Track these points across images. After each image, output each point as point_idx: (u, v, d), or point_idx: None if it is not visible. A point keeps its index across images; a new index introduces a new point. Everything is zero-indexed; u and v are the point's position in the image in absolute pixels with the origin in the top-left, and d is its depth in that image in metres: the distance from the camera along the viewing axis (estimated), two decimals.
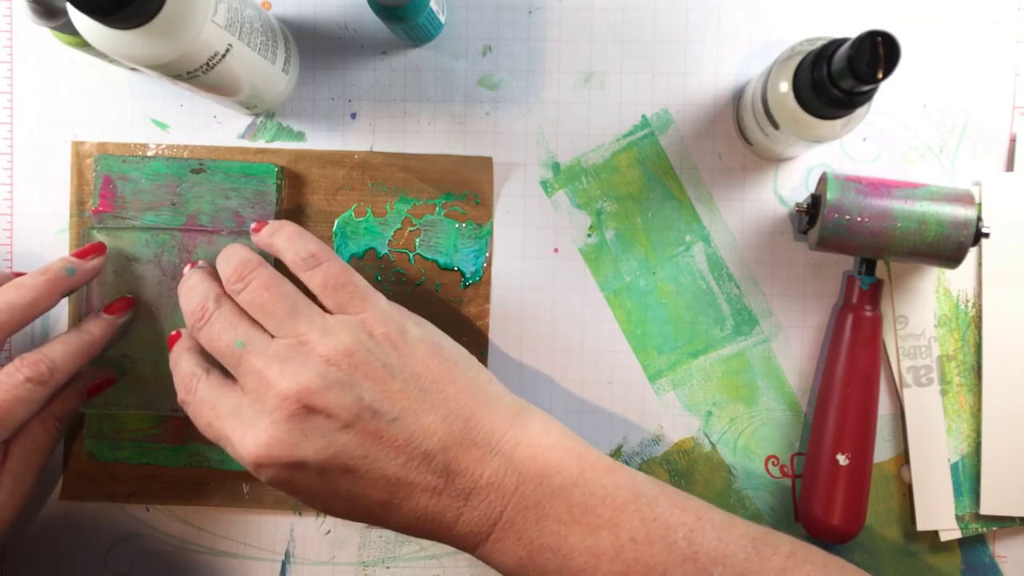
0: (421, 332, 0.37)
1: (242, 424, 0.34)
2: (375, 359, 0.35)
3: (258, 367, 0.34)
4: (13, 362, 0.39)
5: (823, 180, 0.42)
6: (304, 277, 0.38)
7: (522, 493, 0.34)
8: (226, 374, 0.37)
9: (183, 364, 0.38)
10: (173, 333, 0.40)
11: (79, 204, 0.47)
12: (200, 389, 0.37)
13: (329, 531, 0.47)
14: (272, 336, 0.36)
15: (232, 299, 0.38)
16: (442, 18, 0.45)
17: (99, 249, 0.43)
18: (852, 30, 0.34)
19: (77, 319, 0.46)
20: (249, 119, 0.47)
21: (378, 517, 0.35)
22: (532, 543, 0.33)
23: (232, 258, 0.38)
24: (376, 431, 0.34)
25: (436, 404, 0.35)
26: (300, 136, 0.47)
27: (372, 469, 0.34)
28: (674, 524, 0.33)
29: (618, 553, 0.32)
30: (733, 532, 0.33)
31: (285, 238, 0.39)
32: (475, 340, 0.46)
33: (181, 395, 0.37)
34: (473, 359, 0.39)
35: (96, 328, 0.42)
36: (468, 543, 0.35)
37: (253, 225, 0.41)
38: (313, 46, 0.47)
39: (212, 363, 0.38)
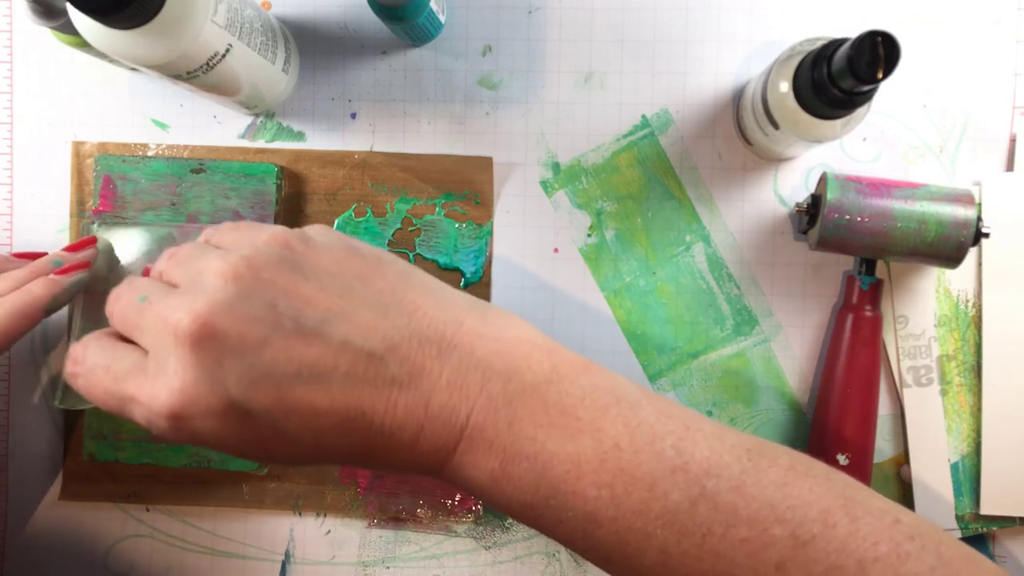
0: (329, 237, 0.32)
1: (147, 377, 0.29)
2: (281, 264, 0.30)
3: (157, 311, 0.29)
4: None
5: (823, 180, 0.42)
6: (217, 238, 0.34)
7: (489, 393, 0.29)
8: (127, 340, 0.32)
9: (74, 344, 0.33)
10: None
11: (79, 204, 0.47)
12: (90, 355, 0.31)
13: (329, 531, 0.47)
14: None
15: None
16: (442, 18, 0.45)
17: (91, 242, 0.43)
18: (852, 30, 0.34)
19: (73, 311, 0.46)
20: (249, 119, 0.47)
21: (331, 453, 0.30)
22: (505, 451, 0.29)
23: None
24: (303, 340, 0.28)
25: (368, 299, 0.30)
26: (300, 136, 0.47)
27: (308, 391, 0.28)
28: (661, 432, 0.29)
29: (602, 461, 0.29)
30: (726, 442, 0.30)
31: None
32: None
33: (68, 369, 0.31)
34: (400, 258, 0.34)
35: (39, 287, 0.41)
36: (434, 462, 0.30)
37: None
38: (313, 46, 0.47)
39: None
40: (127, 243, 0.45)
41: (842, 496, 0.28)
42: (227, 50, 0.37)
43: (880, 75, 0.32)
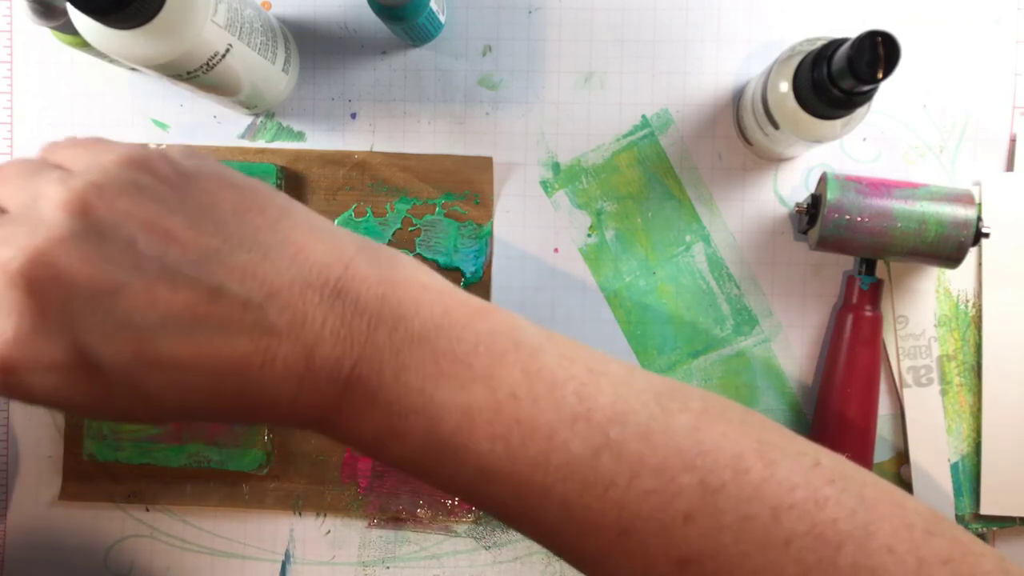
0: (198, 162, 0.28)
1: None
2: (140, 193, 0.25)
3: None
4: None
5: (823, 180, 0.42)
6: (57, 155, 0.28)
7: (374, 343, 0.26)
8: None
9: None
10: None
11: None
12: None
13: (329, 531, 0.47)
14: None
15: None
16: (442, 18, 0.45)
17: None
18: (852, 30, 0.34)
19: None
20: (249, 119, 0.47)
21: (197, 410, 0.26)
22: (391, 405, 0.26)
23: None
24: (168, 285, 0.24)
25: (245, 238, 0.26)
26: (300, 136, 0.47)
27: (174, 344, 0.24)
28: (562, 377, 0.27)
29: (496, 412, 0.26)
30: (634, 386, 0.27)
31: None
32: None
33: None
34: (280, 191, 0.29)
35: None
36: (315, 418, 0.27)
37: None
38: (313, 46, 0.47)
39: None
40: None
41: (758, 440, 0.26)
42: (227, 50, 0.37)
43: (880, 75, 0.32)
